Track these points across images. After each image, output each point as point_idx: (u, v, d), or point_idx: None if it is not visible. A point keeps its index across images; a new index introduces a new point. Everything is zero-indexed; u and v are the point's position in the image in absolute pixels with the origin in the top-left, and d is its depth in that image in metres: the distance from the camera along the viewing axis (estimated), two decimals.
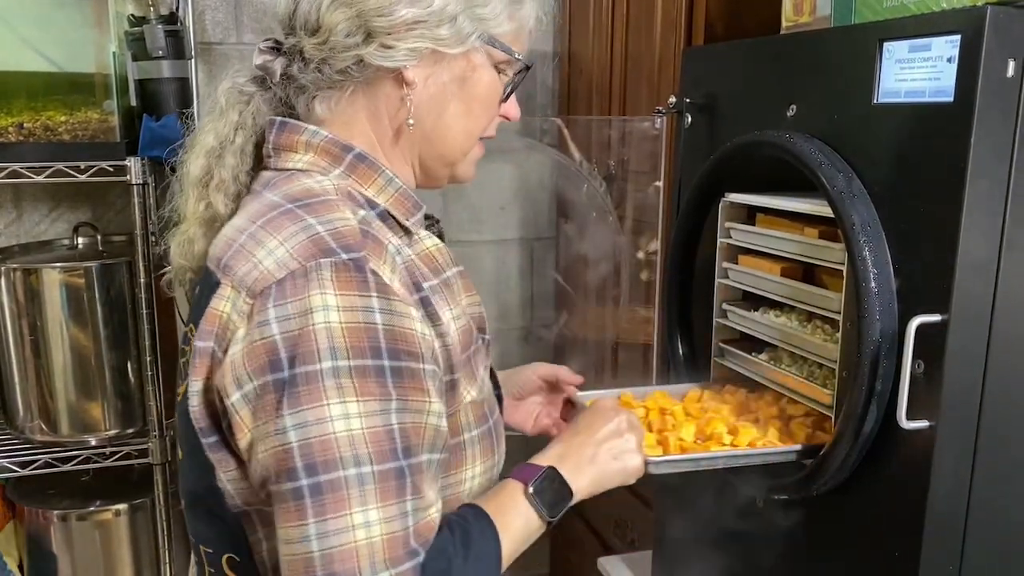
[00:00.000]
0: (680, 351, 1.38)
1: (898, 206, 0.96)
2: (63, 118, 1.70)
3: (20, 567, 1.91)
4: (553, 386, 1.26)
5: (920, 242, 0.93)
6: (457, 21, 0.89)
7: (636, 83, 1.83)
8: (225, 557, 0.91)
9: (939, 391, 0.91)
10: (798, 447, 1.09)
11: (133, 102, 1.84)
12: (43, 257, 1.81)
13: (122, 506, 1.87)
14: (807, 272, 1.17)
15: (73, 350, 1.76)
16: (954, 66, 0.88)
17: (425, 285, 0.90)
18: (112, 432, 1.81)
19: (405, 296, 0.84)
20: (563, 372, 1.26)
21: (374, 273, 0.81)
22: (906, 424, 0.93)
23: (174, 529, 1.85)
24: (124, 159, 1.68)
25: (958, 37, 0.87)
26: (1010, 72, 0.86)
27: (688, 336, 1.38)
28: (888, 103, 0.97)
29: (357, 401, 0.78)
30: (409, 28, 0.88)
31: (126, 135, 1.76)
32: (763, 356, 1.25)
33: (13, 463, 1.76)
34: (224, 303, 0.84)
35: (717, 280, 1.29)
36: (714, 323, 1.31)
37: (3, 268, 1.72)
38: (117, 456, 1.81)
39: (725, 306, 1.30)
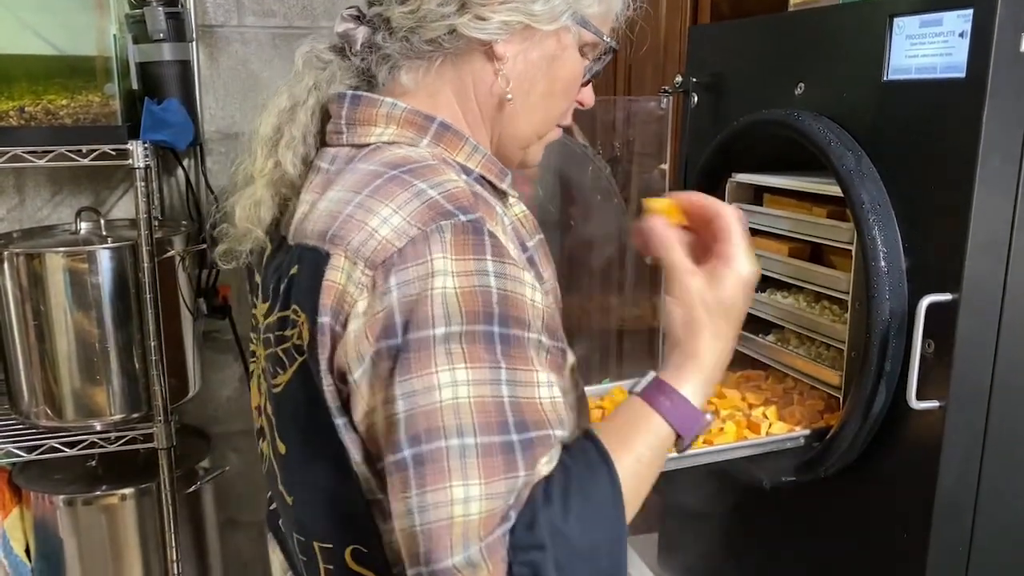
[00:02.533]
0: None
1: (908, 184, 0.95)
2: (64, 102, 1.69)
3: (27, 552, 1.92)
4: None
5: (931, 221, 0.92)
6: None
7: (641, 63, 1.81)
8: (350, 550, 0.87)
9: (949, 371, 0.90)
10: (779, 436, 1.08)
11: (134, 85, 1.83)
12: (46, 242, 1.80)
13: (128, 491, 1.87)
14: (815, 252, 1.16)
15: (77, 335, 1.75)
16: (966, 41, 0.87)
17: (529, 244, 0.89)
18: (117, 417, 1.81)
19: (519, 258, 0.81)
20: None
21: (491, 235, 0.79)
22: (916, 404, 0.92)
23: (179, 513, 1.85)
24: (126, 143, 1.67)
25: (970, 11, 0.86)
26: (1023, 47, 0.84)
27: None
28: (898, 80, 0.96)
29: (466, 368, 0.75)
30: (503, 1, 0.86)
31: (128, 118, 1.75)
32: (770, 337, 1.24)
33: (19, 448, 1.76)
34: (339, 274, 0.80)
35: None
36: None
37: (6, 253, 1.71)
38: (123, 441, 1.81)
39: None
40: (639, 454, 0.82)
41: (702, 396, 0.86)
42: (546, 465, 0.77)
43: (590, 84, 0.98)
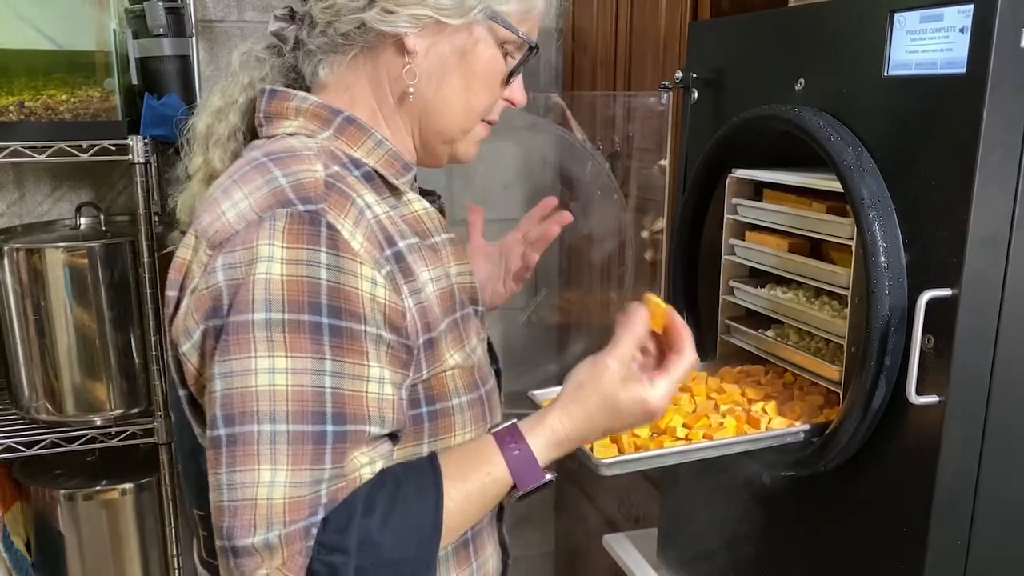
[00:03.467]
0: None
1: (908, 180, 0.95)
2: (64, 97, 1.69)
3: (27, 546, 1.92)
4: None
5: (931, 216, 0.92)
6: None
7: (641, 58, 1.81)
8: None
9: (949, 366, 0.90)
10: (773, 432, 1.07)
11: (134, 80, 1.82)
12: (46, 237, 1.80)
13: (128, 485, 1.88)
14: (814, 248, 1.16)
15: (77, 330, 1.75)
16: (967, 36, 0.87)
17: (402, 243, 0.89)
18: (117, 412, 1.81)
19: (365, 253, 0.82)
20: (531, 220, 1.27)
21: (330, 227, 0.81)
22: (916, 399, 0.92)
23: (180, 508, 1.86)
24: (126, 138, 1.67)
25: (971, 7, 0.86)
26: None
27: (694, 313, 1.37)
28: (898, 75, 0.96)
29: (286, 356, 0.78)
30: None
31: (127, 114, 1.75)
32: (770, 333, 1.24)
33: (19, 443, 1.76)
34: (187, 251, 0.86)
35: (724, 256, 1.29)
36: (720, 300, 1.31)
37: (6, 248, 1.71)
38: (123, 436, 1.81)
39: (732, 283, 1.29)
40: (470, 492, 0.85)
41: (547, 457, 0.89)
42: (367, 466, 0.81)
43: (519, 81, 0.98)
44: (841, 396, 1.07)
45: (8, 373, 1.83)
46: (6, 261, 1.72)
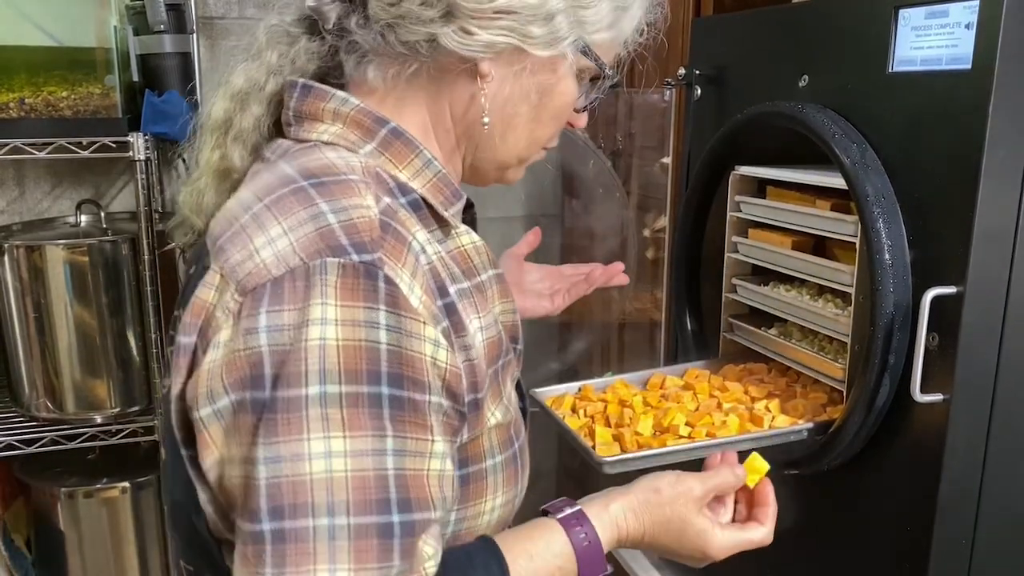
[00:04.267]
0: (688, 327, 1.37)
1: (913, 177, 0.94)
2: (64, 93, 1.68)
3: (27, 544, 1.92)
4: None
5: (935, 213, 0.92)
6: (555, 21, 0.77)
7: (643, 55, 1.80)
8: None
9: (954, 364, 0.90)
10: (769, 431, 1.07)
11: (135, 77, 1.82)
12: (46, 235, 1.79)
13: (128, 483, 1.87)
14: (818, 245, 1.15)
15: (77, 328, 1.75)
16: (972, 32, 0.86)
17: (452, 289, 0.77)
18: (117, 410, 1.81)
19: (424, 310, 0.71)
20: (524, 248, 1.21)
21: (388, 281, 0.69)
22: (920, 398, 0.91)
23: None
24: (126, 135, 1.66)
25: (976, 3, 0.86)
26: None
27: (697, 312, 1.36)
28: (903, 72, 0.95)
29: (344, 437, 0.66)
30: (497, 16, 0.76)
31: (128, 110, 1.75)
32: (773, 331, 1.24)
33: (19, 441, 1.76)
34: (211, 292, 0.72)
35: (727, 254, 1.28)
36: (723, 298, 1.30)
37: (7, 246, 1.71)
38: (123, 434, 1.81)
39: (735, 280, 1.29)
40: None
41: (608, 548, 0.83)
42: (431, 560, 0.70)
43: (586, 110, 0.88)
44: (845, 394, 1.07)
45: (8, 371, 1.83)
46: (6, 258, 1.72)
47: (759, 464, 0.91)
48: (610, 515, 0.84)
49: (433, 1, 0.76)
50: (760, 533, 0.89)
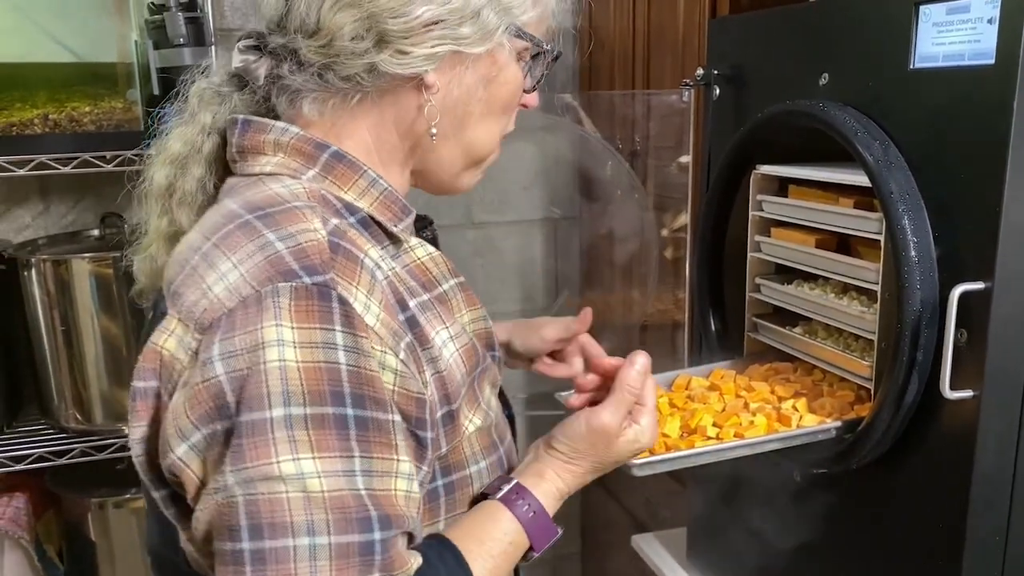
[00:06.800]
0: (712, 327, 1.37)
1: (937, 173, 0.94)
2: (88, 108, 1.70)
3: (59, 554, 1.94)
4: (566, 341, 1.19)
5: (961, 209, 0.91)
6: (482, 16, 0.80)
7: (660, 56, 1.80)
8: None
9: (983, 360, 0.89)
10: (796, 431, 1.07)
11: (155, 91, 1.84)
12: (72, 248, 1.82)
13: None
14: (841, 243, 1.15)
15: (104, 340, 1.77)
16: (995, 27, 0.86)
17: (413, 303, 0.79)
18: None
19: (382, 327, 0.73)
20: (575, 326, 1.16)
21: (342, 302, 0.70)
22: (950, 394, 0.91)
23: None
24: (149, 148, 1.68)
25: None
26: None
27: (720, 311, 1.36)
28: (925, 68, 0.95)
29: (314, 458, 0.67)
30: (427, 29, 0.78)
31: (150, 124, 1.76)
32: (797, 329, 1.24)
33: (50, 452, 1.78)
34: (167, 338, 0.72)
35: (749, 254, 1.28)
36: (747, 297, 1.30)
37: (34, 260, 1.73)
38: None
39: (758, 280, 1.28)
40: (498, 565, 0.81)
41: (554, 510, 0.86)
42: (410, 571, 0.72)
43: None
44: (872, 392, 1.06)
45: (37, 383, 1.85)
46: (33, 272, 1.74)
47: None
48: (547, 481, 0.86)
49: (363, 34, 0.78)
50: (648, 388, 0.91)
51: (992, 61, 0.86)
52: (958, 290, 0.89)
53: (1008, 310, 0.89)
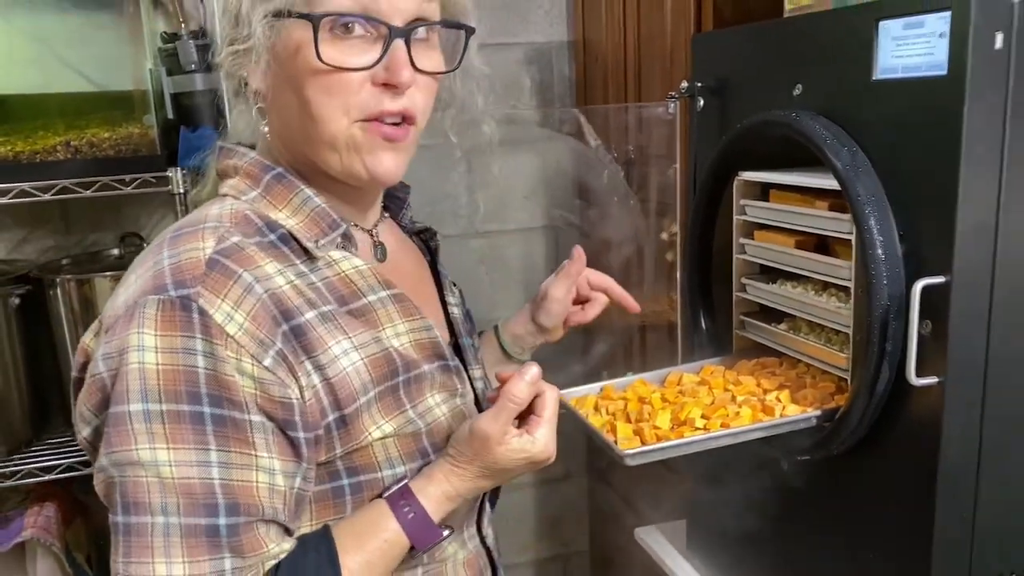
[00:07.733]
0: (703, 325, 1.44)
1: (900, 176, 1.01)
2: (107, 134, 1.78)
3: (88, 561, 2.01)
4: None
5: (922, 209, 0.98)
6: (241, 14, 0.86)
7: (650, 69, 1.88)
8: None
9: (946, 348, 0.96)
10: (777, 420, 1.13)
11: (170, 115, 1.92)
12: (93, 267, 1.89)
13: None
14: (820, 243, 1.22)
15: None
16: (946, 41, 0.93)
17: (310, 314, 0.85)
18: None
19: (244, 336, 0.80)
20: (573, 269, 1.23)
21: (202, 313, 0.79)
22: (916, 381, 0.98)
23: None
24: (165, 170, 1.76)
25: (948, 13, 0.92)
26: (998, 44, 0.90)
27: (710, 311, 1.43)
28: (886, 79, 1.02)
29: (168, 448, 0.77)
30: (226, 45, 0.89)
31: (165, 147, 1.85)
32: (782, 326, 1.30)
33: (77, 463, 1.85)
34: (91, 337, 0.86)
35: (735, 255, 1.35)
36: (734, 297, 1.37)
37: (58, 279, 1.81)
38: None
39: (744, 280, 1.35)
40: (370, 560, 0.86)
41: (441, 512, 0.90)
42: (274, 557, 0.81)
43: (394, 59, 0.84)
44: (849, 382, 1.13)
45: (63, 397, 1.92)
46: (58, 291, 1.82)
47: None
48: (435, 484, 0.90)
49: (227, 66, 0.91)
50: (549, 399, 0.93)
51: (945, 72, 0.93)
52: (920, 284, 0.96)
53: (967, 301, 0.95)
